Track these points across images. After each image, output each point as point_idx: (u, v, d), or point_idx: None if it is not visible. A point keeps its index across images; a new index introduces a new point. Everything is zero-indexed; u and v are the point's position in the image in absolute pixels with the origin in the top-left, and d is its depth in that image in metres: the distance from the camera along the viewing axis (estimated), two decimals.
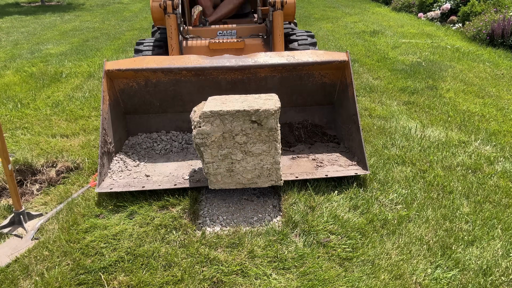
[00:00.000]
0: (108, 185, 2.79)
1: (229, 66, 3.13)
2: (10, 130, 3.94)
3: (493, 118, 4.10)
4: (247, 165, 2.57)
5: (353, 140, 3.18)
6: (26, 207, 2.74)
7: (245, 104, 2.51)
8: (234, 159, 2.55)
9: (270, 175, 2.62)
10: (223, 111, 2.43)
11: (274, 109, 2.46)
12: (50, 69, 6.05)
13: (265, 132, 2.49)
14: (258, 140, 2.51)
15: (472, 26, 7.77)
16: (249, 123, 2.47)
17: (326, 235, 2.41)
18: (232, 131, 2.48)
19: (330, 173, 2.90)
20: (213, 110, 2.43)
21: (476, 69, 5.78)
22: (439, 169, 3.13)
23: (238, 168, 2.57)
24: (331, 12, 11.95)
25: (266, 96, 2.70)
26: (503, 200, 2.76)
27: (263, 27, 4.67)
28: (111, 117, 3.07)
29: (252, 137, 2.50)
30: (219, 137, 2.48)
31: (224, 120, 2.44)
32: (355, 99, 3.09)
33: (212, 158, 2.53)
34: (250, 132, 2.49)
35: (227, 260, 2.21)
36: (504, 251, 2.30)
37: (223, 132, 2.47)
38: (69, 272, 2.15)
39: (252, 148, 2.53)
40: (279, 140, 2.55)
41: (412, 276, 2.13)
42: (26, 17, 11.78)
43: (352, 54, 6.79)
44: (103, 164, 2.85)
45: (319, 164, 3.07)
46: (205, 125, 2.46)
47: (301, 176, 2.84)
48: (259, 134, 2.49)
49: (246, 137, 2.50)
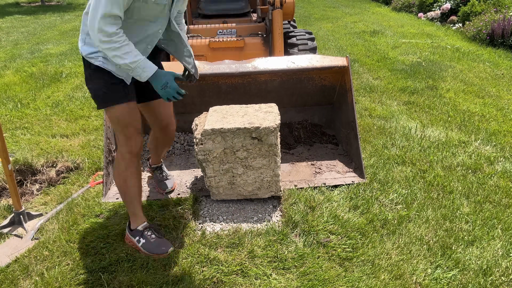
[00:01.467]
0: (114, 194, 2.82)
1: (229, 72, 3.12)
2: (10, 130, 3.94)
3: (493, 118, 4.10)
4: (247, 179, 2.62)
5: (351, 145, 3.21)
6: (26, 207, 2.74)
7: (245, 120, 2.55)
8: (235, 173, 2.60)
9: (270, 186, 2.68)
10: (224, 129, 2.47)
11: (274, 126, 2.50)
12: (50, 69, 6.05)
13: (265, 147, 2.54)
14: (258, 155, 2.56)
15: (472, 26, 7.77)
16: (249, 139, 2.51)
17: (326, 235, 2.41)
18: (233, 147, 2.52)
19: (328, 180, 2.96)
20: (214, 128, 2.47)
21: (476, 69, 5.78)
22: (439, 169, 3.13)
23: (239, 181, 2.63)
24: (331, 12, 11.95)
25: (266, 108, 2.75)
26: (503, 200, 2.76)
27: (262, 26, 4.71)
28: None
29: (252, 152, 2.55)
30: (220, 153, 2.54)
31: (225, 137, 2.49)
32: (354, 105, 3.08)
33: (214, 172, 2.59)
34: (250, 148, 2.53)
35: (227, 260, 2.21)
36: (504, 251, 2.30)
37: (224, 148, 2.52)
38: (69, 272, 2.15)
39: (253, 162, 2.58)
40: (279, 154, 2.61)
41: (412, 276, 2.13)
42: (26, 17, 11.79)
43: (352, 54, 6.79)
44: (108, 174, 2.86)
45: (318, 170, 3.11)
46: (207, 143, 2.51)
47: (300, 185, 2.89)
48: (259, 149, 2.54)
49: (246, 152, 2.54)
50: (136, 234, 2.29)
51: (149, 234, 2.28)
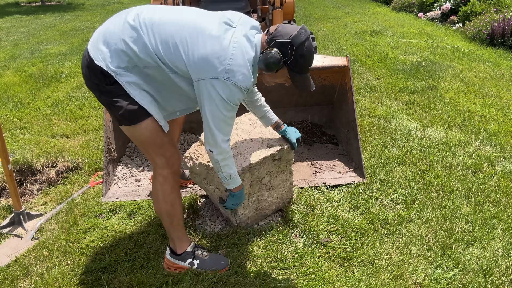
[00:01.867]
0: (114, 193, 2.81)
1: None
2: (10, 130, 3.93)
3: (493, 118, 4.10)
4: (271, 199, 2.53)
5: (351, 145, 3.22)
6: (26, 207, 2.74)
7: (264, 143, 2.41)
8: (261, 199, 2.48)
9: (286, 194, 2.63)
10: (253, 164, 2.28)
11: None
12: (50, 69, 6.05)
13: (283, 164, 2.46)
14: (278, 173, 2.48)
15: (472, 26, 7.77)
16: (271, 162, 2.40)
17: (326, 235, 2.41)
18: (259, 177, 2.40)
19: (328, 180, 2.96)
20: (244, 167, 2.26)
21: (476, 69, 5.78)
22: (439, 169, 3.13)
23: (264, 205, 2.53)
24: (331, 12, 11.95)
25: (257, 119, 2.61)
26: (503, 200, 2.76)
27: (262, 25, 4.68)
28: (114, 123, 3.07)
29: (273, 172, 2.45)
30: (248, 187, 2.36)
31: (252, 170, 2.33)
32: (354, 105, 3.10)
33: (243, 209, 2.41)
34: (272, 170, 2.44)
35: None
36: (504, 251, 2.30)
37: (251, 182, 2.37)
38: (69, 272, 2.15)
39: (275, 182, 2.49)
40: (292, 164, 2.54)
41: (412, 276, 2.13)
42: (26, 17, 11.78)
43: (352, 54, 6.79)
44: (108, 173, 2.86)
45: (318, 170, 3.11)
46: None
47: (300, 184, 2.89)
48: (278, 167, 2.46)
49: (269, 176, 2.44)
50: (187, 257, 2.11)
51: (200, 253, 2.14)
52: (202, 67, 1.73)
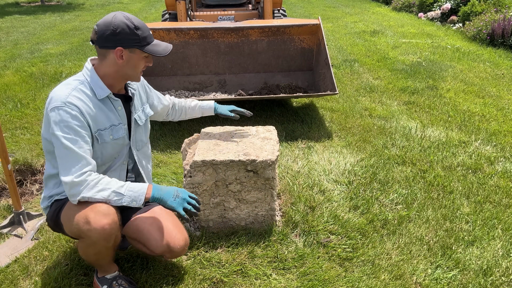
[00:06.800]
0: None
1: (227, 27, 4.02)
2: (10, 130, 3.93)
3: (493, 118, 4.10)
4: (240, 212, 2.41)
5: (325, 76, 3.93)
6: (26, 207, 2.74)
7: (240, 149, 2.33)
8: (227, 207, 2.38)
9: (265, 221, 2.46)
10: (216, 161, 2.23)
11: (272, 160, 2.25)
12: (50, 69, 6.05)
13: (261, 181, 2.32)
14: (253, 188, 2.34)
15: (473, 26, 7.77)
16: (244, 172, 2.28)
17: (326, 235, 2.41)
18: (225, 180, 2.30)
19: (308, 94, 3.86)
20: (205, 160, 2.22)
21: (476, 69, 5.78)
22: (439, 169, 3.13)
23: (231, 215, 2.42)
24: (331, 12, 11.95)
25: (264, 133, 2.56)
26: (504, 200, 2.76)
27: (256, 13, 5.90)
28: None
29: (247, 185, 2.32)
30: (211, 186, 2.30)
31: (217, 169, 2.25)
32: (326, 48, 3.93)
33: (203, 206, 2.36)
34: (245, 181, 2.31)
35: (227, 260, 2.21)
36: (505, 251, 2.30)
37: (215, 181, 2.29)
38: (69, 272, 2.15)
39: (247, 196, 2.36)
40: (276, 188, 2.42)
41: (412, 276, 2.13)
42: (26, 17, 11.78)
43: (352, 54, 6.79)
44: None
45: (299, 91, 4.15)
46: (196, 175, 2.28)
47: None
48: (254, 182, 2.32)
49: (240, 185, 2.32)
50: (104, 282, 2.01)
51: (116, 286, 1.99)
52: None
